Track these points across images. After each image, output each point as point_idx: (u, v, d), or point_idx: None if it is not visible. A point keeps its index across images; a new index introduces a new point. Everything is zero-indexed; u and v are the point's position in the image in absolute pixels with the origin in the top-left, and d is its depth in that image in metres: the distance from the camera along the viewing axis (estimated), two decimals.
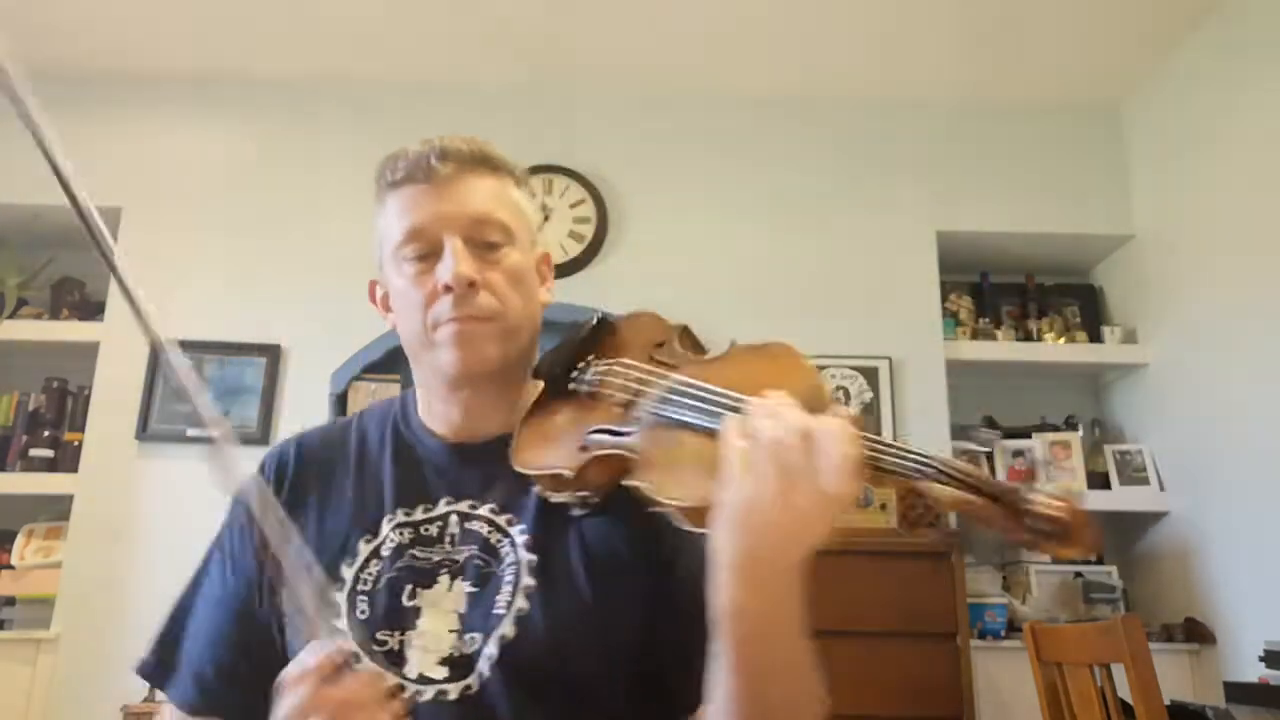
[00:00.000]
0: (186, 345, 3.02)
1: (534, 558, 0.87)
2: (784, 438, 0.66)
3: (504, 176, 0.98)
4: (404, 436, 0.99)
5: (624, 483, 0.77)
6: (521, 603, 0.85)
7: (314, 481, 0.97)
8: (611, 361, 0.89)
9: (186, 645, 0.94)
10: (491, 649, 0.82)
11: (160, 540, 2.81)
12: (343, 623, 0.86)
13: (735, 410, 0.72)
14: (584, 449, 0.80)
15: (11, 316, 3.07)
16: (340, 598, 0.87)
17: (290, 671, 0.72)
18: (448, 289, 0.90)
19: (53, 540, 2.89)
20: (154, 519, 2.86)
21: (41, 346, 3.09)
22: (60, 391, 3.10)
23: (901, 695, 2.46)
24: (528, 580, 0.86)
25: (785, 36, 3.05)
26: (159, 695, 0.96)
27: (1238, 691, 2.27)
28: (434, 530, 0.91)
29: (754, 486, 0.66)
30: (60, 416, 3.08)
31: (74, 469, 2.92)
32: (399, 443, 0.98)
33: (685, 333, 0.92)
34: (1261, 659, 2.32)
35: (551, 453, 0.84)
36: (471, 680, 0.82)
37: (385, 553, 0.89)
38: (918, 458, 0.68)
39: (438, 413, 0.97)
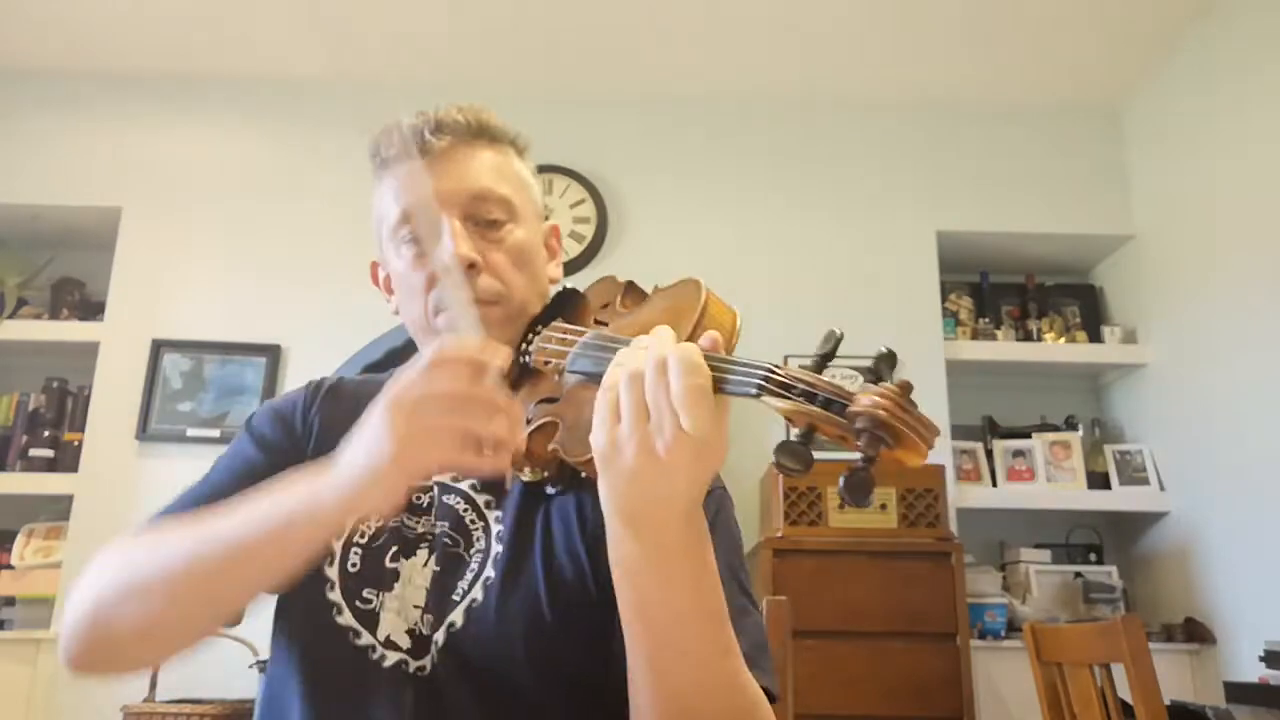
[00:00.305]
0: (187, 345, 3.04)
1: (501, 549, 0.85)
2: (637, 373, 0.61)
3: (504, 147, 0.93)
4: None
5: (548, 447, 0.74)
6: (478, 594, 0.82)
7: (345, 421, 0.95)
8: (551, 330, 0.85)
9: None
10: (440, 635, 0.81)
11: None
12: (334, 570, 0.84)
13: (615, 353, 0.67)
14: (529, 421, 0.78)
15: (11, 316, 3.07)
16: (336, 545, 0.86)
17: (443, 347, 0.67)
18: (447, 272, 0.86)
19: (53, 540, 2.89)
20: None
21: (41, 346, 3.09)
22: (60, 391, 3.10)
23: (901, 695, 2.46)
24: (490, 572, 0.84)
25: (785, 36, 3.05)
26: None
27: (1238, 691, 2.27)
28: (425, 500, 0.89)
29: (609, 429, 0.61)
30: (60, 416, 3.08)
31: (74, 469, 2.92)
32: None
33: (629, 288, 0.86)
34: (1261, 659, 2.32)
35: None
36: (425, 661, 0.80)
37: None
38: (748, 369, 0.60)
39: None
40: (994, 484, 3.08)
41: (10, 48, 3.15)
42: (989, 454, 3.14)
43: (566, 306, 0.90)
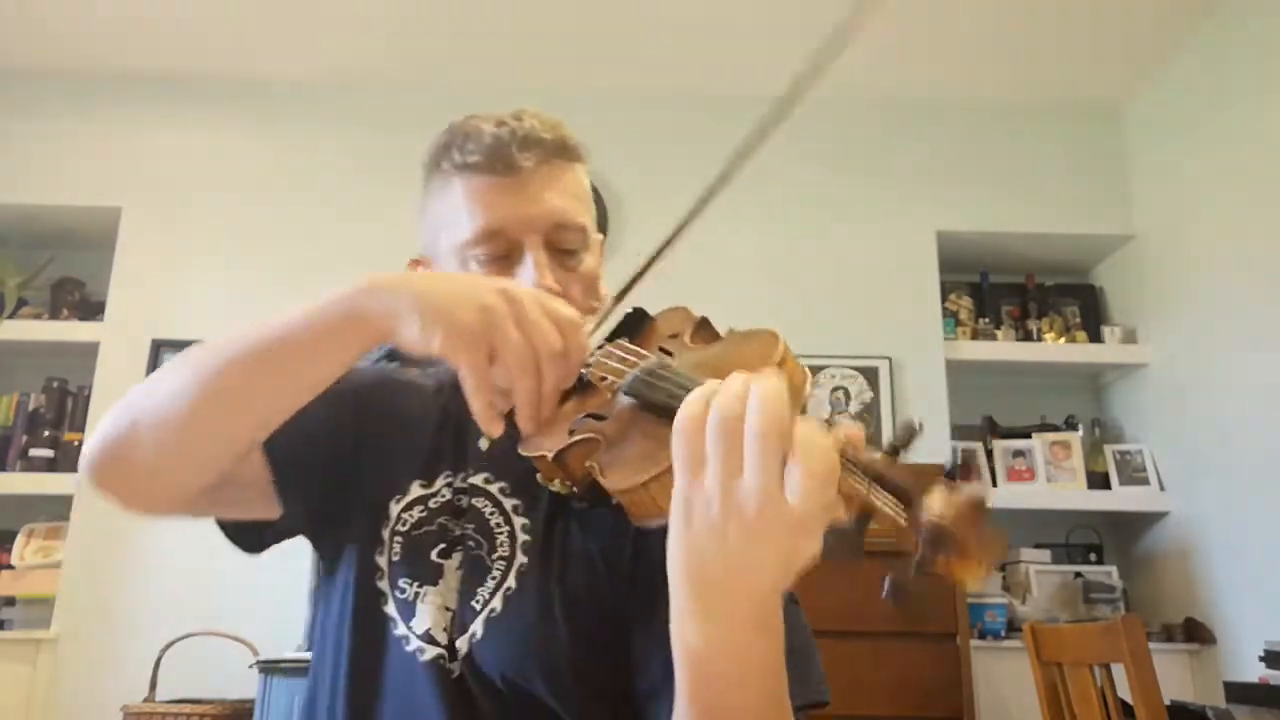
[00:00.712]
0: (187, 345, 3.03)
1: (526, 560, 0.84)
2: (732, 418, 0.52)
3: (579, 164, 0.91)
4: (465, 402, 0.96)
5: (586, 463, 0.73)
6: (497, 604, 0.82)
7: (407, 406, 0.94)
8: (614, 347, 0.84)
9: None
10: (463, 643, 0.81)
11: (160, 540, 2.81)
12: (383, 559, 0.85)
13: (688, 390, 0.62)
14: (571, 433, 0.77)
15: (11, 316, 3.07)
16: (385, 533, 0.86)
17: (503, 289, 0.69)
18: None
19: (53, 540, 2.89)
20: (154, 519, 2.86)
21: (41, 346, 3.09)
22: (60, 391, 3.10)
23: (901, 695, 2.46)
24: (512, 583, 0.83)
25: (785, 37, 3.05)
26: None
27: (1238, 691, 2.27)
28: (465, 502, 0.88)
29: (689, 479, 0.53)
30: (60, 416, 3.08)
31: (74, 469, 2.91)
32: (464, 407, 0.95)
33: (702, 324, 0.84)
34: (1261, 659, 2.32)
35: (549, 438, 0.83)
36: (454, 666, 0.81)
37: (433, 504, 0.88)
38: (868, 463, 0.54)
39: None
40: (994, 484, 3.08)
41: (10, 48, 3.15)
42: (989, 454, 3.14)
43: (632, 327, 0.88)
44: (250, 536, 0.90)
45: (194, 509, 0.82)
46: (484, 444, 0.79)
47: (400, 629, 0.82)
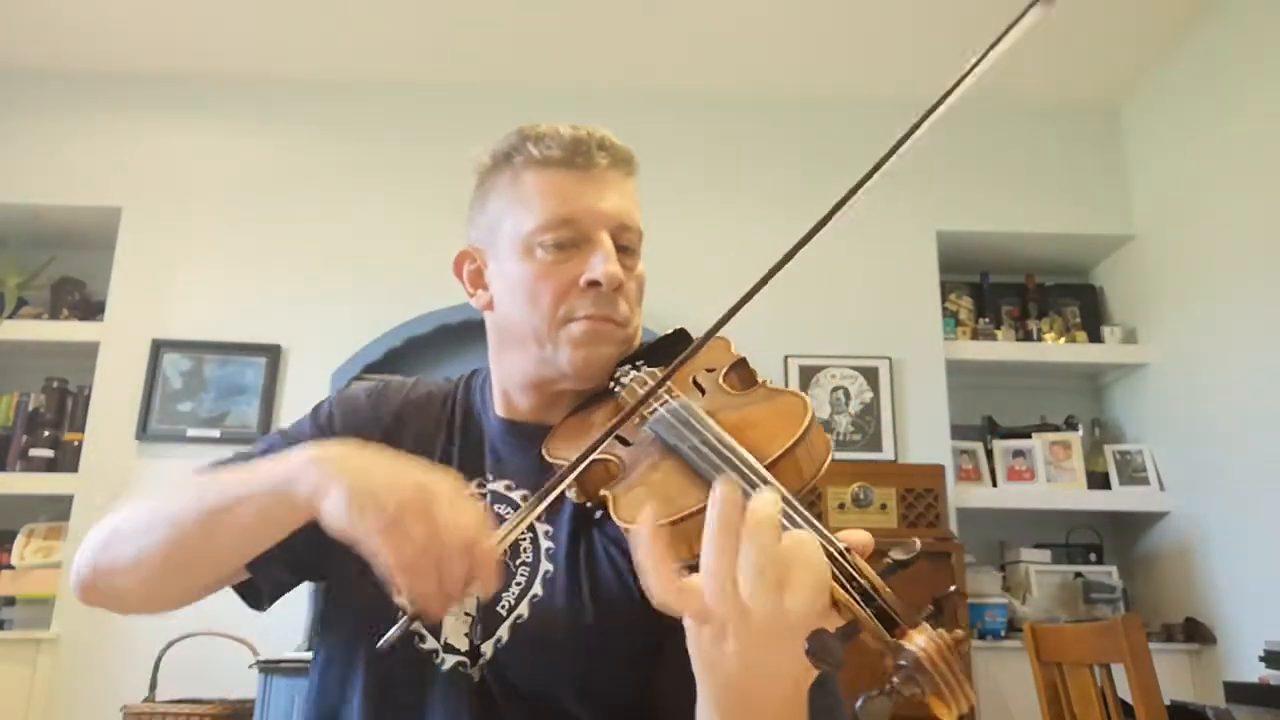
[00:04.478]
0: (187, 345, 3.04)
1: (550, 568, 0.85)
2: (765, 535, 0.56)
3: (636, 181, 0.95)
4: (475, 410, 0.97)
5: (601, 490, 0.74)
6: (524, 610, 0.83)
7: (411, 424, 0.95)
8: (648, 371, 0.86)
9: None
10: (488, 648, 0.82)
11: None
12: None
13: (717, 466, 0.66)
14: (596, 447, 0.79)
15: (11, 316, 3.07)
16: None
17: (423, 485, 0.68)
18: (593, 284, 0.86)
19: (53, 540, 2.89)
20: None
21: (41, 346, 3.09)
22: (60, 391, 3.10)
23: None
24: (538, 590, 0.84)
25: (785, 36, 3.05)
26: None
27: (1238, 691, 2.27)
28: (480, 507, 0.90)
29: (723, 577, 0.56)
30: (60, 416, 3.08)
31: (74, 469, 2.92)
32: (472, 415, 0.97)
33: (739, 365, 0.85)
34: (1261, 659, 2.32)
35: (574, 447, 0.82)
36: (474, 672, 0.81)
37: None
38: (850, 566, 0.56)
39: (510, 400, 0.95)
40: (994, 484, 3.08)
41: (10, 48, 3.15)
42: (989, 454, 3.14)
43: (675, 350, 0.88)
44: (250, 597, 0.91)
45: (192, 603, 0.86)
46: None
47: (430, 643, 0.82)
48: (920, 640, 0.52)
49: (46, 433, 3.01)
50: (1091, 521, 3.16)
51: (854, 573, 0.55)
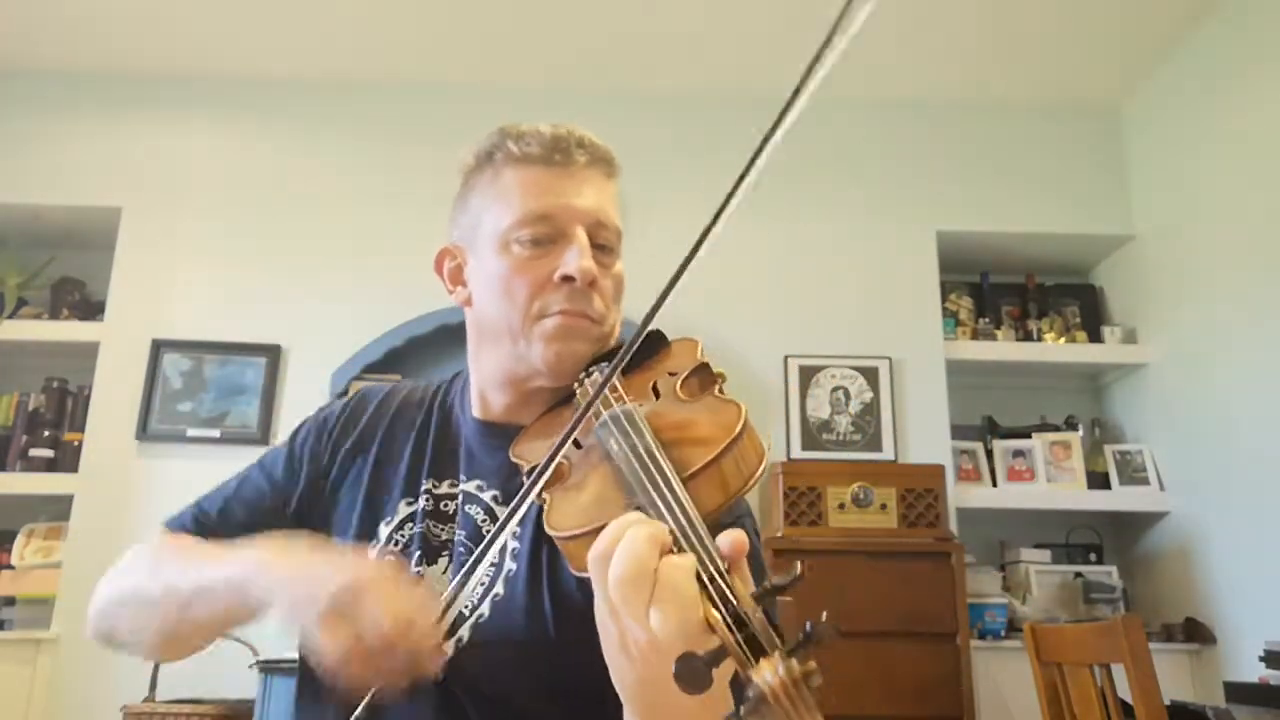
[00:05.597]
0: (187, 345, 3.04)
1: (514, 567, 0.85)
2: (640, 571, 0.57)
3: (617, 182, 0.95)
4: (454, 411, 0.99)
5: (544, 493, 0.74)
6: (485, 609, 0.84)
7: (380, 432, 0.98)
8: (603, 371, 0.85)
9: (204, 505, 1.00)
10: (449, 646, 0.82)
11: None
12: None
13: (638, 478, 0.66)
14: (553, 456, 0.78)
15: (11, 316, 3.07)
16: (372, 552, 0.89)
17: (351, 583, 0.69)
18: (567, 280, 0.86)
19: (53, 540, 2.89)
20: (154, 519, 2.85)
21: (41, 346, 3.09)
22: (60, 391, 3.10)
23: (901, 695, 2.46)
24: (500, 589, 0.84)
25: (785, 36, 3.05)
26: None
27: (1238, 691, 2.27)
28: (450, 508, 0.91)
29: (604, 620, 0.60)
30: (60, 416, 3.08)
31: (74, 469, 2.92)
32: (450, 416, 0.98)
33: (698, 370, 0.84)
34: (1261, 659, 2.32)
35: (537, 449, 0.82)
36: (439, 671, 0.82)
37: (416, 516, 0.91)
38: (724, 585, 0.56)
39: (486, 399, 0.95)
40: (994, 484, 3.08)
41: (10, 48, 3.15)
42: (989, 454, 3.14)
43: (647, 350, 0.89)
44: None
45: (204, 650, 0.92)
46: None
47: None
48: (767, 673, 0.50)
49: (46, 433, 3.02)
50: (1091, 521, 3.16)
51: (729, 596, 0.55)
